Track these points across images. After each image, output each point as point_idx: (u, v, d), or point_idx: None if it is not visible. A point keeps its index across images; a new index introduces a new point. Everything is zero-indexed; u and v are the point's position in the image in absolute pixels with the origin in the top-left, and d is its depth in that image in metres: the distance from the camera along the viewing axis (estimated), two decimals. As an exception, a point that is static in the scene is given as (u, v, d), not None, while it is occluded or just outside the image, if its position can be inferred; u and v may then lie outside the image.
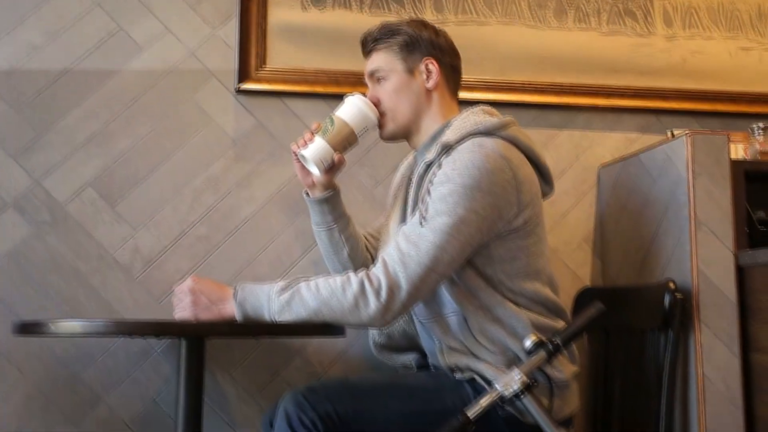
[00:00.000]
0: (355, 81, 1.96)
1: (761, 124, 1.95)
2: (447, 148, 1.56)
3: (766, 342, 1.68)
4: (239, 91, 2.03)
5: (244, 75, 2.04)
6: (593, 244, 2.14)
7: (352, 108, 1.66)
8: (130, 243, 1.97)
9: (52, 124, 1.96)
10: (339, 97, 1.71)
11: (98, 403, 1.90)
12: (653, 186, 1.89)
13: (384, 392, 1.55)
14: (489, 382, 1.48)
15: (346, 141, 1.66)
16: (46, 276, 1.92)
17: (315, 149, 1.65)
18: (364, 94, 1.68)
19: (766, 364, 1.68)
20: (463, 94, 1.77)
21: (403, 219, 1.65)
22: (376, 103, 1.67)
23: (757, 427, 1.69)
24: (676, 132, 1.85)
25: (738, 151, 1.92)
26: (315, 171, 1.68)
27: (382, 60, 1.68)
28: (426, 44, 1.67)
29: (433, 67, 1.66)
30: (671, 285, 1.69)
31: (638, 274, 1.93)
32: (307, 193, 1.77)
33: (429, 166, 1.59)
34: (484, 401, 1.34)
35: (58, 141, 1.96)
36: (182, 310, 1.51)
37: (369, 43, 1.70)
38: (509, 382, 1.34)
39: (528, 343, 1.39)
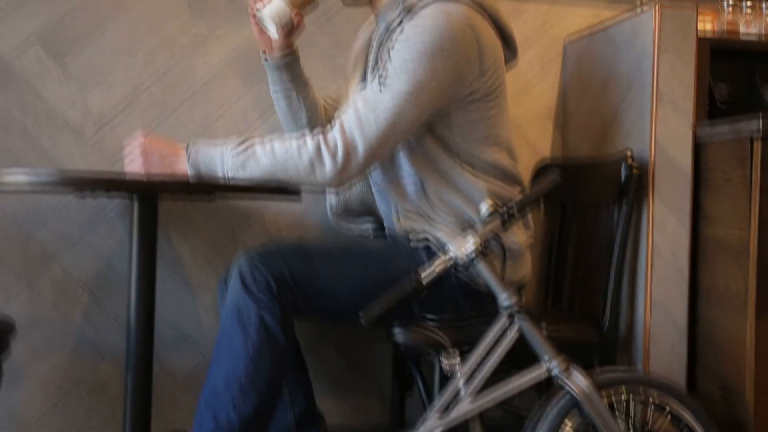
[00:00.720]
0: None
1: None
2: (409, 9, 1.51)
3: (715, 216, 1.72)
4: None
5: None
6: (555, 118, 2.13)
7: None
8: (80, 103, 1.90)
9: (-8, -25, 1.85)
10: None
11: (51, 265, 1.89)
12: (619, 60, 1.87)
13: (339, 256, 1.56)
14: (443, 248, 1.50)
15: (305, 1, 1.59)
16: (-8, 136, 1.86)
17: (273, 9, 1.58)
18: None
19: (714, 236, 1.72)
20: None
21: (363, 80, 1.61)
22: (338, -40, 1.60)
23: (700, 295, 1.75)
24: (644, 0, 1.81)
25: (706, 25, 1.89)
26: (273, 32, 1.62)
27: None
28: None
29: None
30: (629, 153, 1.70)
31: (598, 148, 1.93)
32: (266, 58, 1.71)
33: (390, 27, 1.53)
34: (438, 265, 1.35)
35: (0, -7, 1.86)
36: (132, 163, 1.48)
37: None
38: (463, 246, 1.35)
39: (483, 208, 1.39)
